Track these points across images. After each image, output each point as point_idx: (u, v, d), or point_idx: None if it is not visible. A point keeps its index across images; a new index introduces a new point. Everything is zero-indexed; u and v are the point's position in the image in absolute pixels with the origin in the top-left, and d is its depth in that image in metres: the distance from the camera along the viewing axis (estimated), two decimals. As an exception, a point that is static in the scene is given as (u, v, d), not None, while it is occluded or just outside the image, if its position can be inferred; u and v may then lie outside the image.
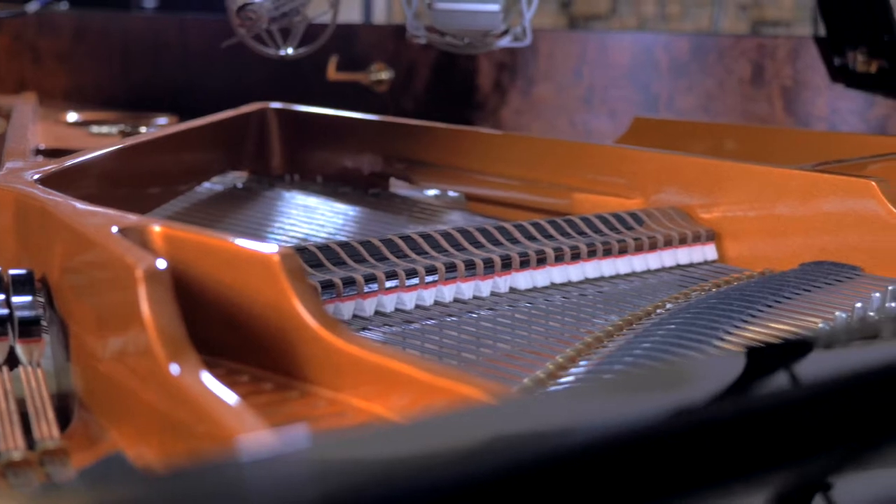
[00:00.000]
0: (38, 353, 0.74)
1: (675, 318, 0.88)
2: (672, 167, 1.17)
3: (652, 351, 0.81)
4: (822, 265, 1.04)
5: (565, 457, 0.43)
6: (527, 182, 1.28)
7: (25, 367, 0.74)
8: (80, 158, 1.11)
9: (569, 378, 0.77)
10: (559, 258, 1.00)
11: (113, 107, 2.05)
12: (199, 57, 2.17)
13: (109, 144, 1.20)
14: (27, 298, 0.76)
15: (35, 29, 2.36)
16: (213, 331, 0.71)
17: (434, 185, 1.39)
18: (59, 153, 1.21)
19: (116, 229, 0.75)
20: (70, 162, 1.09)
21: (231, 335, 0.72)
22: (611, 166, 1.21)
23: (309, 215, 1.27)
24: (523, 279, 0.99)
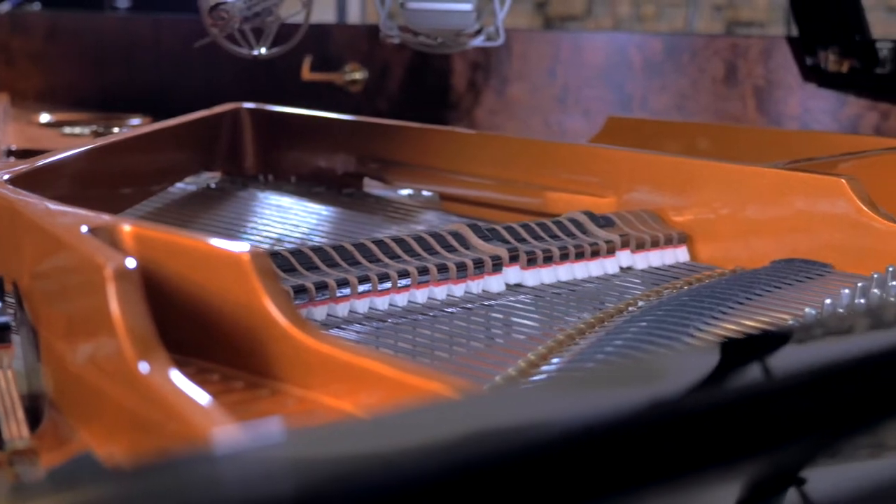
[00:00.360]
0: (7, 360, 0.74)
1: (647, 315, 0.89)
2: (645, 166, 1.17)
3: (624, 348, 0.81)
4: (793, 263, 1.04)
5: (538, 451, 0.43)
6: (501, 181, 1.28)
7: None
8: (52, 158, 1.11)
9: (541, 375, 0.77)
10: (532, 261, 1.00)
11: (86, 107, 2.05)
12: (172, 57, 2.16)
13: (82, 145, 1.20)
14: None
15: (7, 29, 2.35)
16: (184, 330, 0.71)
17: (408, 185, 1.39)
18: (31, 154, 1.20)
19: (86, 229, 0.74)
20: (41, 162, 1.08)
21: (202, 334, 0.72)
22: (584, 165, 1.22)
23: (282, 215, 1.27)
24: (496, 282, 0.99)
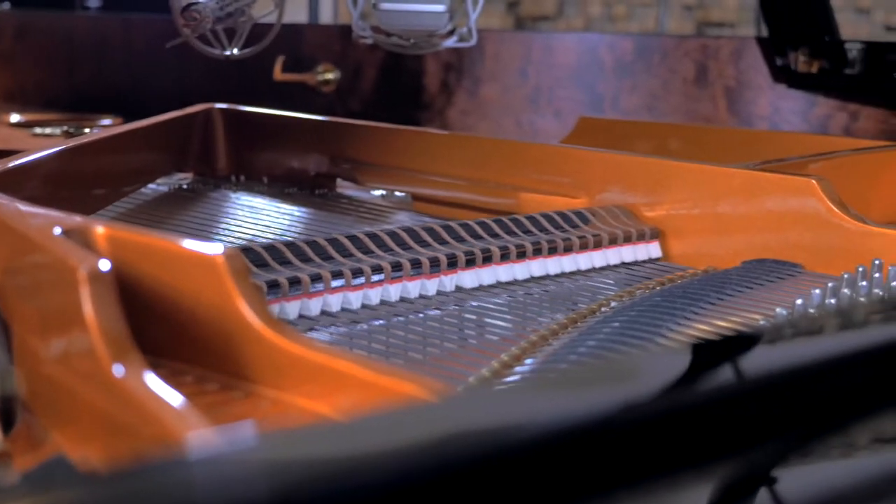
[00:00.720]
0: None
1: (620, 315, 0.89)
2: (617, 166, 1.18)
3: (596, 349, 0.81)
4: (764, 263, 1.05)
5: (512, 453, 0.43)
6: (473, 182, 1.28)
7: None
8: (24, 160, 1.10)
9: (514, 376, 0.78)
10: (505, 256, 1.01)
11: (56, 108, 2.04)
12: (143, 57, 2.16)
13: (53, 145, 1.19)
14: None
15: (-23, 29, 2.34)
16: (158, 332, 0.71)
17: (380, 186, 1.39)
18: (2, 155, 1.20)
19: (59, 230, 0.74)
20: (13, 163, 1.08)
21: (175, 336, 0.72)
22: (556, 166, 1.22)
23: (255, 216, 1.27)
24: (469, 278, 0.99)
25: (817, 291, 0.93)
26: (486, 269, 1.00)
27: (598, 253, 1.07)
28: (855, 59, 1.71)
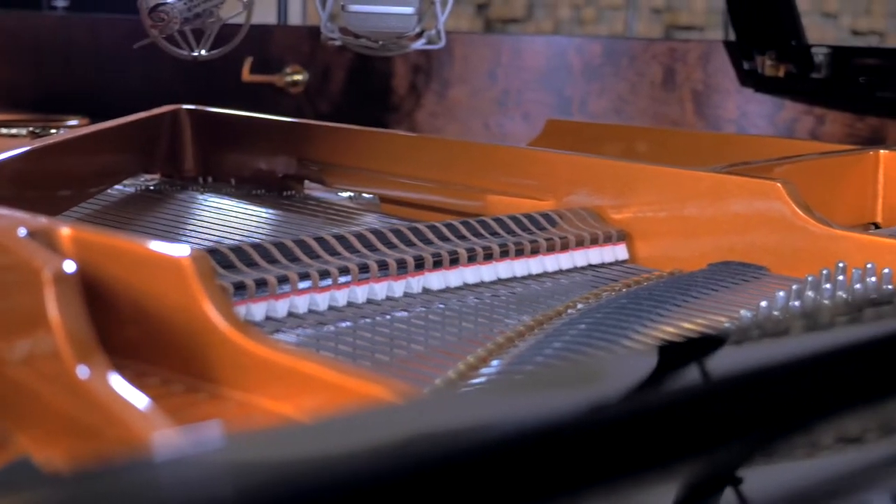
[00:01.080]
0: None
1: (586, 317, 0.90)
2: (584, 169, 1.18)
3: (562, 350, 0.82)
4: (729, 265, 1.05)
5: (478, 455, 0.43)
6: (441, 184, 1.28)
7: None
8: (-11, 160, 1.10)
9: (480, 378, 0.78)
10: (472, 258, 1.01)
11: (23, 108, 2.03)
12: (110, 58, 2.15)
13: (19, 146, 1.19)
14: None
15: (-58, 29, 2.32)
16: (123, 333, 0.71)
17: (348, 188, 1.39)
18: (-33, 155, 1.19)
19: (24, 231, 0.74)
20: (-22, 164, 1.07)
21: (141, 338, 0.72)
22: (523, 168, 1.22)
23: (222, 218, 1.26)
24: (436, 279, 0.99)
25: (782, 294, 0.94)
26: (454, 271, 1.00)
27: (564, 255, 1.08)
28: (821, 63, 1.73)
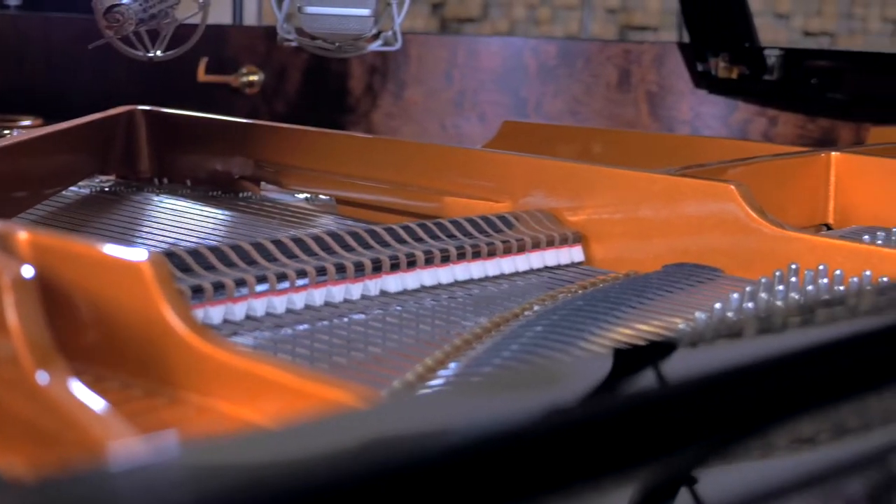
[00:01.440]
0: None
1: (543, 319, 0.90)
2: (540, 171, 1.19)
3: (520, 353, 0.82)
4: (683, 267, 1.06)
5: (438, 458, 0.44)
6: (397, 185, 1.29)
7: None
8: (-58, 162, 1.09)
9: (438, 380, 0.78)
10: (429, 261, 1.01)
11: (-25, 109, 2.01)
12: (64, 58, 2.14)
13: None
14: None
15: None
16: (82, 338, 0.71)
17: (305, 189, 1.39)
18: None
19: (-19, 236, 0.74)
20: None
21: (100, 342, 0.72)
22: (480, 170, 1.23)
23: (178, 219, 1.26)
24: (394, 282, 0.99)
25: (735, 295, 0.95)
26: (411, 274, 1.00)
27: (521, 257, 1.08)
28: (774, 65, 1.74)
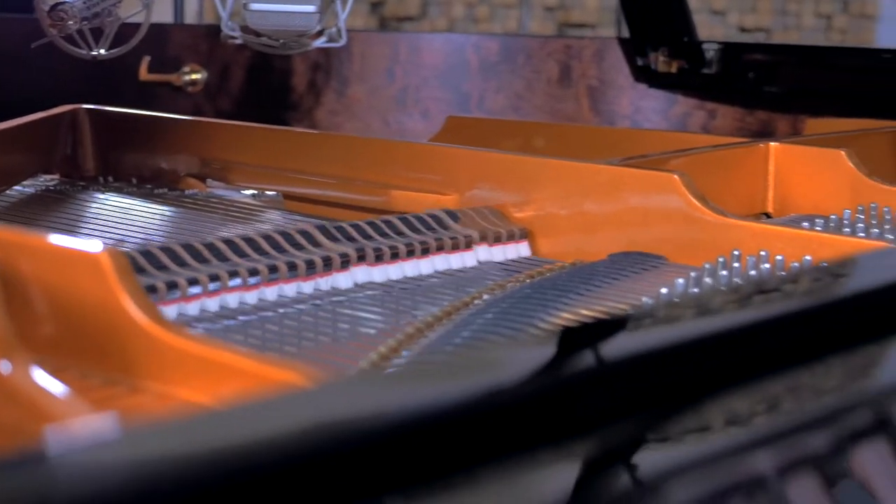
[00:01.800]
0: None
1: (492, 307, 0.92)
2: (485, 164, 1.20)
3: (470, 339, 0.84)
4: (629, 255, 1.08)
5: (379, 438, 0.44)
6: (343, 180, 1.29)
7: None
8: None
9: (390, 368, 0.79)
10: (379, 258, 1.02)
11: (-86, 110, 1.99)
12: (6, 57, 2.12)
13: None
14: None
15: None
16: (40, 330, 0.71)
17: (251, 185, 1.39)
18: None
19: (-66, 231, 0.74)
20: None
21: (59, 334, 0.72)
22: (426, 164, 1.24)
23: (124, 217, 1.26)
24: (344, 279, 1.00)
25: (681, 281, 0.96)
26: (361, 271, 1.01)
27: (468, 254, 1.09)
28: (712, 59, 1.77)
